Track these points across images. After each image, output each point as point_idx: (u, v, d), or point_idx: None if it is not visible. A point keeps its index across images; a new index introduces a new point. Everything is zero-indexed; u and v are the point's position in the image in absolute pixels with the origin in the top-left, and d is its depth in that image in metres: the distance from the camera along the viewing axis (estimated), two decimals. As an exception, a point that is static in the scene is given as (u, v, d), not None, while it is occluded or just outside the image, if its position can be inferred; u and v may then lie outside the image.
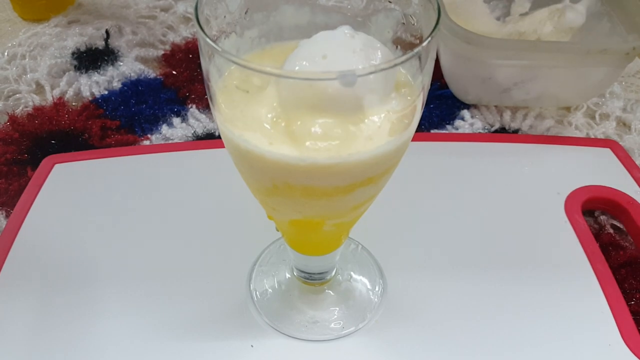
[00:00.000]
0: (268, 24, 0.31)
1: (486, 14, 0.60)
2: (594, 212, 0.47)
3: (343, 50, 0.25)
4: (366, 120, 0.26)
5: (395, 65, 0.23)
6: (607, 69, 0.52)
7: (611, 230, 0.46)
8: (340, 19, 0.31)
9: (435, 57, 0.27)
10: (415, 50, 0.23)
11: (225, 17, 0.29)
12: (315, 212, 0.29)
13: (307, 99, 0.25)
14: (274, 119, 0.26)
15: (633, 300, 0.40)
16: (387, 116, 0.26)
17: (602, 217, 0.47)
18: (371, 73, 0.23)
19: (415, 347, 0.36)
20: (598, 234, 0.45)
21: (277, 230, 0.35)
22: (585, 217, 0.45)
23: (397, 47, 0.30)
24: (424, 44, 0.24)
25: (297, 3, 0.31)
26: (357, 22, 0.31)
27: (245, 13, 0.30)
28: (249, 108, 0.26)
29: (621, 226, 0.46)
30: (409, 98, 0.27)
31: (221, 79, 0.28)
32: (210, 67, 0.26)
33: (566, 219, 0.44)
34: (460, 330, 0.37)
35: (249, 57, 0.31)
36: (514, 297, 0.39)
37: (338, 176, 0.26)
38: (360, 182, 0.27)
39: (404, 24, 0.29)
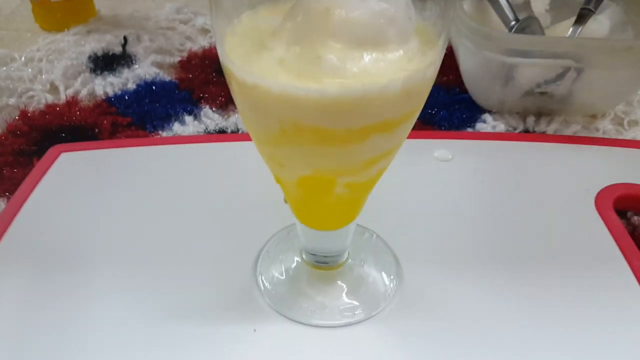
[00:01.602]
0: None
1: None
2: (627, 213, 0.44)
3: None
4: (382, 54, 0.24)
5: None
6: (632, 71, 0.50)
7: (646, 231, 0.42)
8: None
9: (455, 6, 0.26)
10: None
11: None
12: (325, 164, 0.27)
13: (319, 27, 0.23)
14: (283, 53, 0.24)
15: (674, 299, 0.37)
16: (405, 53, 0.24)
17: (636, 218, 0.43)
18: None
19: (430, 340, 0.33)
20: (632, 233, 0.42)
21: (285, 202, 0.33)
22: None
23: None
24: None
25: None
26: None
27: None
28: (258, 49, 0.25)
29: (657, 227, 0.43)
30: (429, 42, 0.25)
31: (230, 26, 0.26)
32: (218, 15, 0.25)
33: (597, 215, 0.41)
34: (481, 328, 0.34)
35: (260, 10, 0.29)
36: (540, 296, 0.36)
37: (350, 114, 0.24)
38: (374, 125, 0.25)
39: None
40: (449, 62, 0.60)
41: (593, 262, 0.38)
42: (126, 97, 0.56)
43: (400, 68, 0.24)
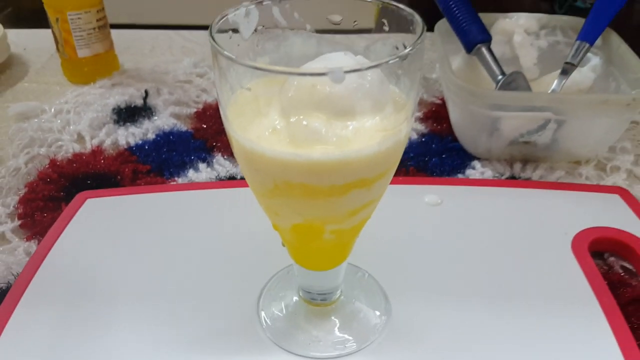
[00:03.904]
0: (279, 53, 0.35)
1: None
2: (604, 254, 0.47)
3: (341, 61, 0.29)
4: (359, 124, 0.28)
5: (380, 64, 0.26)
6: (610, 120, 0.54)
7: (620, 271, 0.46)
8: (344, 50, 0.35)
9: (421, 74, 0.31)
10: (401, 53, 0.27)
11: (239, 45, 0.33)
12: (314, 214, 0.32)
13: (307, 100, 0.28)
14: (276, 122, 0.29)
15: (642, 336, 0.40)
16: (379, 122, 0.29)
17: (612, 259, 0.47)
18: (357, 70, 0.26)
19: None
20: (607, 273, 0.45)
21: (283, 246, 0.37)
22: (595, 260, 0.45)
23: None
24: (409, 49, 0.27)
25: (305, 35, 0.35)
26: (358, 52, 0.34)
27: (257, 43, 0.34)
28: (255, 116, 0.30)
29: (631, 267, 0.46)
30: (402, 109, 0.30)
31: (233, 95, 0.31)
32: (223, 86, 0.30)
33: (573, 256, 0.45)
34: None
35: (259, 81, 0.34)
36: (519, 332, 0.39)
37: (332, 174, 0.29)
38: (354, 182, 0.29)
39: (397, 48, 0.32)
40: (442, 112, 0.65)
41: (567, 301, 0.41)
42: (146, 147, 0.62)
43: (375, 133, 0.29)
